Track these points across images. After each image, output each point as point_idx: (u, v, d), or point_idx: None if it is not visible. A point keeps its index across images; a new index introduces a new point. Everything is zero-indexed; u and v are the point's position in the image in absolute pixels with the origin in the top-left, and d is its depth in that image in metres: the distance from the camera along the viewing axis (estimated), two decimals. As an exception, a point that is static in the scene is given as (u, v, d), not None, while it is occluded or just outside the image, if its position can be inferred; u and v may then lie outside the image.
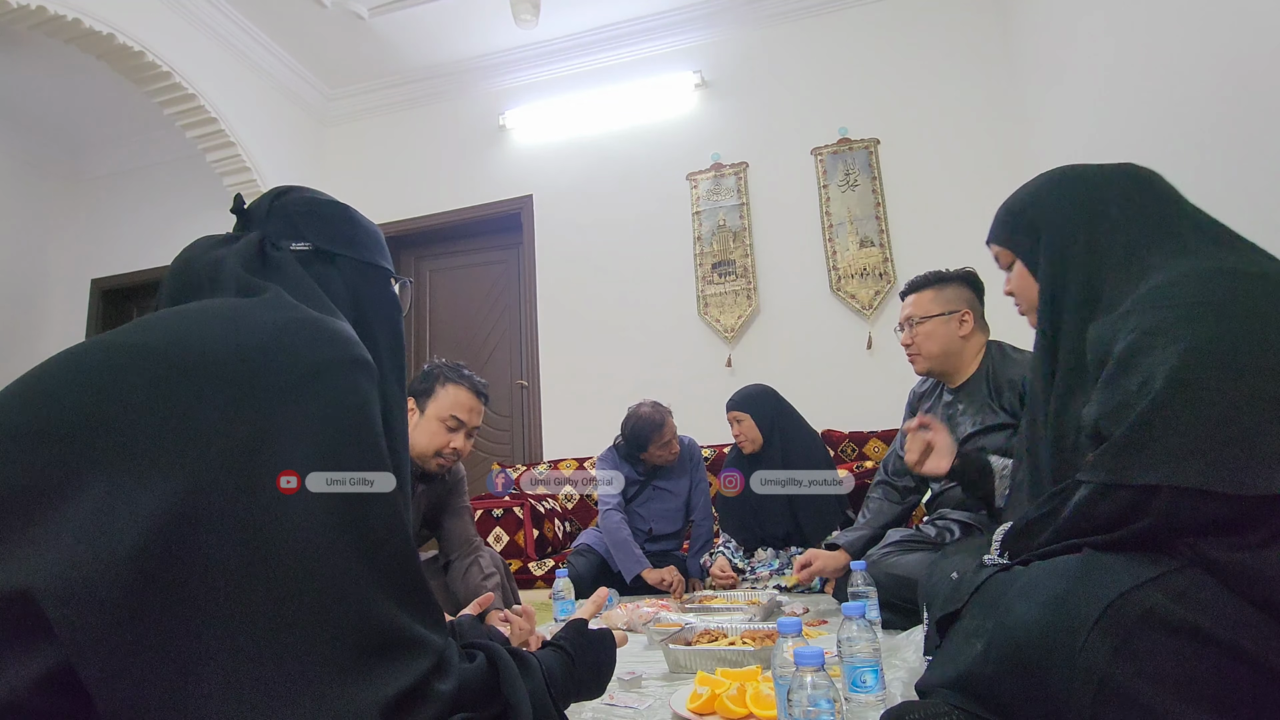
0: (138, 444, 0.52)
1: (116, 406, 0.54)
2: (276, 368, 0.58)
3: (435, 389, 1.87)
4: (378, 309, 0.83)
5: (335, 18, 3.81)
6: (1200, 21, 1.86)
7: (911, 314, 1.92)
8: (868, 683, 1.00)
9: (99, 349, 0.59)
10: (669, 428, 2.69)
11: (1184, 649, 0.67)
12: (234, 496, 0.52)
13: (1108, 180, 1.01)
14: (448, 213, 4.30)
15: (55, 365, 0.58)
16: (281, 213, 0.81)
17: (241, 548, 0.51)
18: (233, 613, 0.49)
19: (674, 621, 1.78)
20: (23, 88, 4.25)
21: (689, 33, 4.00)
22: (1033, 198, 1.07)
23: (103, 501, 0.50)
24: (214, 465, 0.52)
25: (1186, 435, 0.73)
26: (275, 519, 0.52)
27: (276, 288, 0.70)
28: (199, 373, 0.56)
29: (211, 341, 0.59)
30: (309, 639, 0.51)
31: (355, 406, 0.61)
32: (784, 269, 3.73)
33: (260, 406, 0.56)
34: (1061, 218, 1.02)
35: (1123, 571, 0.74)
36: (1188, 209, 0.96)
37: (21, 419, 0.54)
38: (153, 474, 0.51)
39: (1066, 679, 0.71)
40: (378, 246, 0.87)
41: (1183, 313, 0.80)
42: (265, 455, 0.54)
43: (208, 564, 0.50)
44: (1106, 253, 0.96)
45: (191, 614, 0.48)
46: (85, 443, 0.52)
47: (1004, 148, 3.45)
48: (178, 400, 0.55)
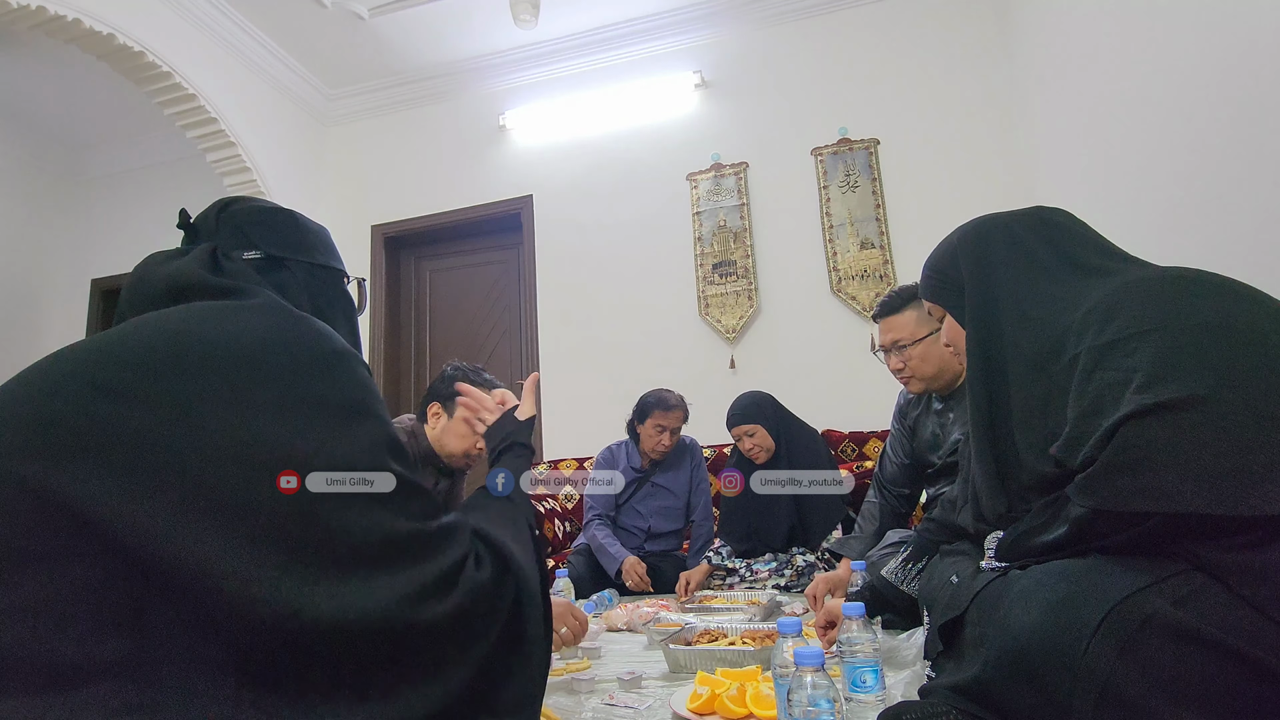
0: (140, 441, 0.53)
1: (112, 404, 0.54)
2: (282, 361, 0.61)
3: None
4: (335, 309, 0.86)
5: (335, 18, 3.81)
6: (1200, 21, 1.86)
7: (898, 338, 1.83)
8: (867, 683, 1.00)
9: (95, 347, 0.59)
10: (674, 415, 2.70)
11: (1186, 654, 0.67)
12: (238, 484, 0.55)
13: (1023, 221, 1.04)
14: (448, 213, 4.30)
15: (50, 363, 0.58)
16: (230, 223, 0.83)
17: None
18: None
19: (674, 621, 1.78)
20: (23, 88, 4.25)
21: (689, 33, 4.00)
22: (954, 250, 1.09)
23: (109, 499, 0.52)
24: (223, 457, 0.55)
25: (1175, 458, 0.71)
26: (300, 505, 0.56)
27: (265, 291, 0.73)
28: (201, 368, 0.57)
29: (211, 338, 0.60)
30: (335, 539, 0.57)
31: (364, 387, 0.65)
32: (785, 270, 3.72)
33: (265, 397, 0.58)
34: (981, 264, 1.04)
35: (1123, 576, 0.73)
36: (1098, 238, 1.00)
37: (17, 414, 0.54)
38: (157, 473, 0.52)
39: (1068, 684, 0.70)
40: (327, 248, 0.89)
41: (1137, 325, 0.79)
42: (269, 443, 0.56)
43: None
44: (1031, 285, 0.98)
45: None
46: (84, 439, 0.52)
47: (1004, 148, 3.45)
48: (179, 396, 0.55)
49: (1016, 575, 0.87)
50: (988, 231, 1.06)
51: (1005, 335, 0.98)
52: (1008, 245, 1.02)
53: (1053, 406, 0.89)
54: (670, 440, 2.72)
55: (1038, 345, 0.93)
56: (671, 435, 2.72)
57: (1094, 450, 0.78)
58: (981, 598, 0.91)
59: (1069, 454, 0.82)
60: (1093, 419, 0.79)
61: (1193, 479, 0.70)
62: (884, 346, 1.89)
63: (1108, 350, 0.80)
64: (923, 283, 1.16)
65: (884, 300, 1.92)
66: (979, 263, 1.03)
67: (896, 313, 1.85)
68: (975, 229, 1.08)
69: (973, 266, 1.04)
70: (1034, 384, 0.92)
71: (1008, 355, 0.98)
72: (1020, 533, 0.92)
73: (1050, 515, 0.87)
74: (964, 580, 0.98)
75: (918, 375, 1.83)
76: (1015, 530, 0.93)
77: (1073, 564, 0.80)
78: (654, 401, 2.73)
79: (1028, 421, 0.93)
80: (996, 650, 0.81)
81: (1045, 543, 0.86)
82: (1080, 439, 0.80)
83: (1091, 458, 0.78)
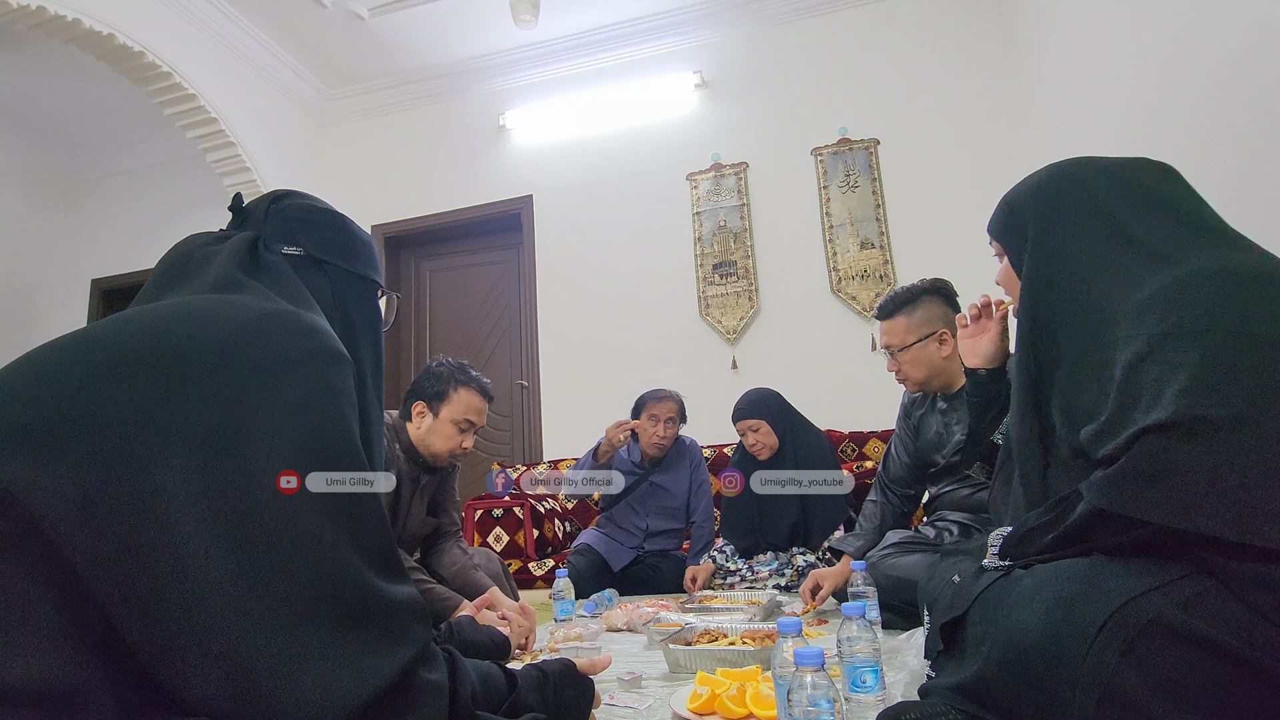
0: (114, 435, 0.52)
1: (93, 399, 0.54)
2: (252, 358, 0.59)
3: (448, 392, 1.89)
4: (362, 319, 0.84)
5: (335, 18, 3.81)
6: (1200, 21, 1.86)
7: (889, 343, 1.89)
8: (868, 683, 1.00)
9: (78, 342, 0.59)
10: (667, 404, 2.74)
11: (1189, 658, 0.66)
12: (212, 483, 0.53)
13: (1110, 178, 0.97)
14: (448, 213, 4.30)
15: (35, 359, 0.58)
16: (279, 216, 0.82)
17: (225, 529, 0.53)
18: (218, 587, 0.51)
19: (674, 621, 1.78)
20: (23, 88, 4.25)
21: (689, 33, 4.00)
22: (1029, 194, 1.03)
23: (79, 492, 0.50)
24: (192, 453, 0.53)
25: (1198, 476, 0.69)
26: (258, 506, 0.54)
27: (257, 284, 0.71)
28: (178, 365, 0.57)
29: (189, 335, 0.59)
30: (296, 605, 0.53)
31: (329, 397, 0.62)
32: (785, 270, 3.72)
33: (236, 396, 0.57)
34: (1051, 220, 0.98)
35: (1128, 578, 0.72)
36: (1190, 208, 0.93)
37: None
38: (128, 463, 0.52)
39: (1069, 686, 0.70)
40: (369, 259, 0.88)
41: (1193, 323, 0.76)
42: (241, 445, 0.55)
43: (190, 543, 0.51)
44: (1099, 257, 0.92)
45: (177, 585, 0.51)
46: (62, 435, 0.52)
47: (1003, 148, 3.45)
48: (155, 392, 0.55)
49: (1020, 575, 0.86)
50: (1067, 187, 0.98)
51: (1060, 301, 0.94)
52: (1085, 209, 0.95)
53: (1095, 381, 0.86)
54: (666, 431, 2.72)
55: (1091, 318, 0.90)
56: (667, 425, 2.72)
57: (1118, 450, 0.76)
58: (984, 597, 0.90)
59: (1096, 444, 0.80)
60: (1129, 413, 0.77)
61: (1212, 501, 0.68)
62: (883, 346, 1.95)
63: (1160, 342, 0.77)
64: (994, 216, 1.09)
65: (880, 303, 1.97)
66: (1049, 219, 0.97)
67: (889, 318, 1.90)
68: (1056, 178, 1.00)
69: (1042, 222, 0.98)
70: (1081, 356, 0.90)
71: (1060, 321, 0.94)
72: (1027, 530, 0.91)
73: (1058, 513, 0.86)
74: (966, 580, 0.97)
75: (911, 378, 1.89)
76: (1023, 526, 0.92)
77: (1076, 564, 0.79)
78: (647, 395, 2.79)
79: (1068, 391, 0.91)
80: (999, 650, 0.80)
81: (1051, 540, 0.85)
82: (1110, 432, 0.78)
83: (1114, 456, 0.77)
